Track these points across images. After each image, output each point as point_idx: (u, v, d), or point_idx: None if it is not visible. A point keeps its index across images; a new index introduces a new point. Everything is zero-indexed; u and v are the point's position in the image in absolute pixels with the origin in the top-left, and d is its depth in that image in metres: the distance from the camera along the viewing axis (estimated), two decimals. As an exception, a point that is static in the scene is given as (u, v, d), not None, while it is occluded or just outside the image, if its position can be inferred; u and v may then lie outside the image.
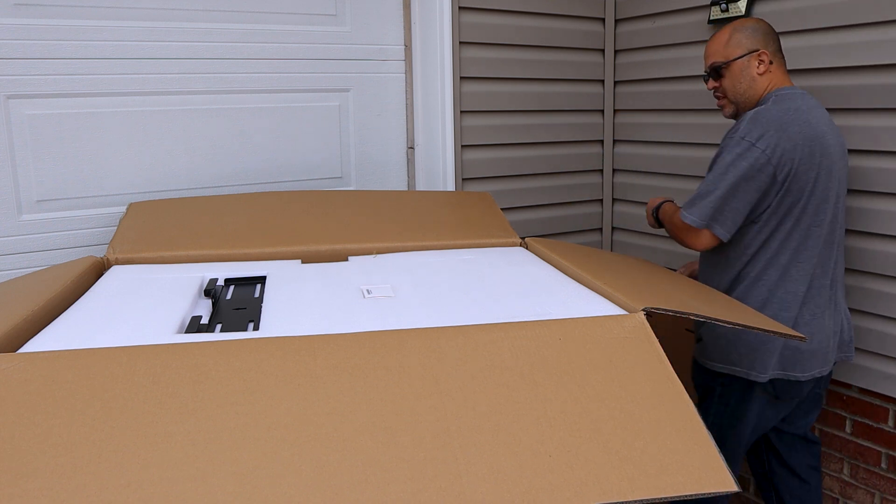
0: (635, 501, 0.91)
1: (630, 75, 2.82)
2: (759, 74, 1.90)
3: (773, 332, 1.44)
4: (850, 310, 2.21)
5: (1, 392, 0.98)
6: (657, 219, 2.08)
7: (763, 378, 1.88)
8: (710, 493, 0.93)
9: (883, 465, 2.24)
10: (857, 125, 2.12)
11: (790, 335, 1.45)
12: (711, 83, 1.99)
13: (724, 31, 1.95)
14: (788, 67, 2.26)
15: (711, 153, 2.54)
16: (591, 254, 1.89)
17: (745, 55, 1.91)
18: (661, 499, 0.92)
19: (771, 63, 1.90)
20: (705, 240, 1.87)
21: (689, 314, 1.29)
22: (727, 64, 1.93)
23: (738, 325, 1.42)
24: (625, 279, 1.63)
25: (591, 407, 1.04)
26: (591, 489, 0.91)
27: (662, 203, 2.08)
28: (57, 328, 1.26)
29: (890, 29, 2.01)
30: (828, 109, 2.19)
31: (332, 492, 0.88)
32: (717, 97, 2.00)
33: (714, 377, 1.97)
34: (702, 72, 2.52)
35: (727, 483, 0.94)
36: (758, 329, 1.44)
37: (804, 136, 1.79)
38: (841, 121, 2.16)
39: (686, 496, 0.93)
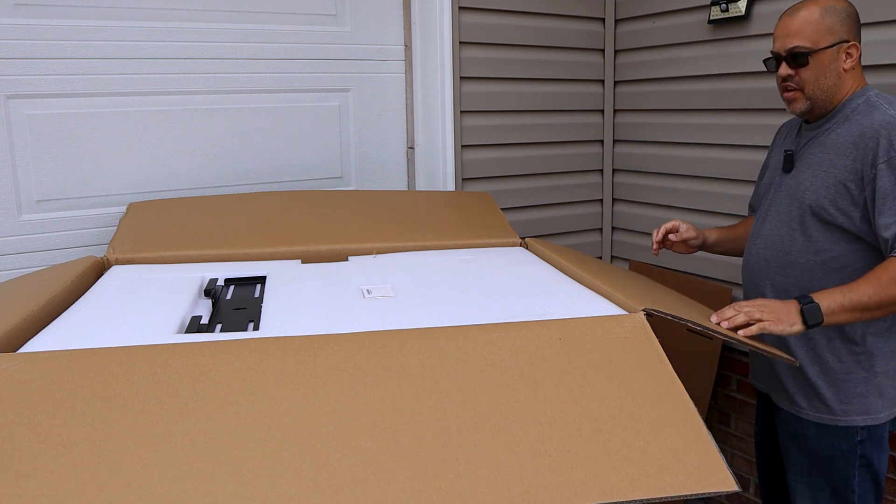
0: (635, 501, 0.91)
1: (630, 75, 2.82)
2: (846, 70, 1.60)
3: (771, 353, 1.42)
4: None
5: (1, 392, 0.98)
6: (810, 315, 1.46)
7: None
8: (710, 493, 0.93)
9: (883, 465, 2.24)
10: (857, 125, 2.11)
11: (786, 359, 1.42)
12: (785, 69, 1.63)
13: (811, 8, 1.60)
14: (788, 67, 2.26)
15: (711, 153, 2.54)
16: (588, 259, 1.89)
17: (836, 44, 1.58)
18: (661, 498, 0.92)
19: (859, 58, 1.62)
20: None
21: (688, 321, 1.30)
22: (815, 52, 1.58)
23: (746, 343, 1.40)
24: (623, 281, 1.63)
25: (592, 407, 1.04)
26: (591, 489, 0.91)
27: (807, 304, 1.46)
28: (57, 328, 1.26)
29: (890, 29, 2.01)
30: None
31: (332, 491, 0.88)
32: (788, 88, 1.64)
33: (850, 435, 1.64)
34: (703, 71, 2.52)
35: (727, 483, 0.94)
36: (762, 350, 1.41)
37: None
38: (841, 121, 2.15)
39: (686, 496, 0.93)
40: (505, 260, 1.75)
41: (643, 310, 1.28)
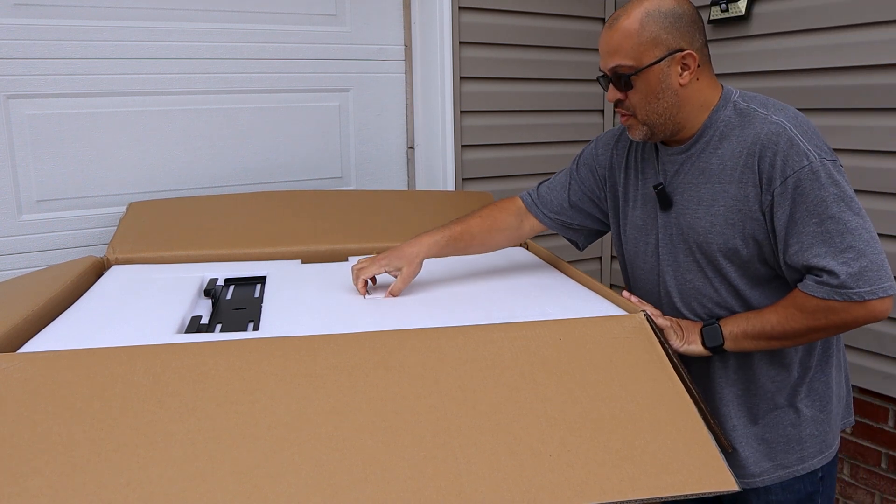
0: (636, 501, 0.91)
1: (630, 75, 2.82)
2: (682, 85, 1.34)
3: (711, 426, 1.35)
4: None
5: (1, 392, 0.98)
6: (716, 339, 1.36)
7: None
8: (711, 493, 0.93)
9: (883, 465, 2.24)
10: (857, 125, 2.12)
11: (722, 442, 1.34)
12: (613, 93, 1.38)
13: (631, 16, 1.32)
14: (788, 67, 2.27)
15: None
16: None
17: (664, 57, 1.32)
18: (661, 498, 0.92)
19: (699, 66, 1.35)
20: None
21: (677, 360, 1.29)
22: (639, 72, 1.33)
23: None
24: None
25: (592, 406, 1.04)
26: (591, 488, 0.91)
27: (711, 324, 1.36)
28: (57, 328, 1.26)
29: (890, 29, 2.01)
30: (828, 109, 2.19)
31: (332, 491, 0.88)
32: (622, 113, 1.40)
33: (811, 480, 1.46)
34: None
35: (728, 482, 0.94)
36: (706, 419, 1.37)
37: None
38: (841, 121, 2.16)
39: (687, 495, 0.93)
40: (505, 260, 1.75)
41: (643, 310, 1.28)
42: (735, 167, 1.32)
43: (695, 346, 1.36)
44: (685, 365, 1.28)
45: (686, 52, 1.32)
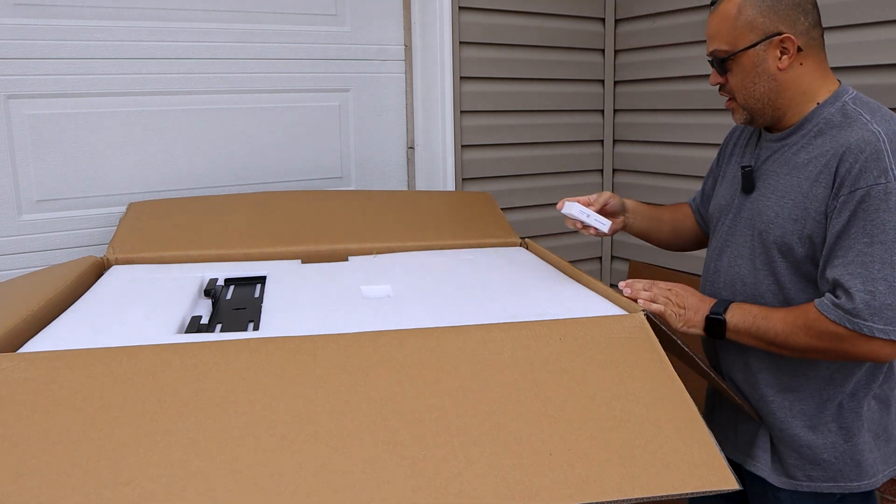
0: (636, 499, 0.91)
1: (630, 75, 2.82)
2: (781, 70, 1.33)
3: (735, 400, 1.39)
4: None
5: (1, 392, 0.98)
6: (716, 327, 1.36)
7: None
8: (711, 492, 0.93)
9: (883, 465, 2.24)
10: (857, 125, 2.11)
11: (750, 411, 1.37)
12: (715, 77, 1.42)
13: (731, 0, 1.34)
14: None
15: (711, 153, 2.53)
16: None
17: (760, 42, 1.32)
18: (662, 497, 0.92)
19: (800, 50, 1.32)
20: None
21: (681, 341, 1.30)
22: (734, 56, 1.34)
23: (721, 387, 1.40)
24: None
25: (592, 406, 1.04)
26: (591, 487, 0.91)
27: (725, 302, 1.38)
28: (57, 328, 1.26)
29: (890, 29, 2.01)
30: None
31: (332, 490, 0.88)
32: (724, 97, 1.44)
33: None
34: (703, 71, 2.52)
35: (729, 481, 0.94)
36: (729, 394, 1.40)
37: None
38: (841, 120, 2.15)
39: (687, 494, 0.93)
40: (505, 260, 1.75)
41: (643, 310, 1.28)
42: (817, 165, 1.29)
43: (695, 331, 1.37)
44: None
45: (784, 35, 1.30)
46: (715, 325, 1.35)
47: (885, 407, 1.42)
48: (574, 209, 1.53)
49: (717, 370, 1.51)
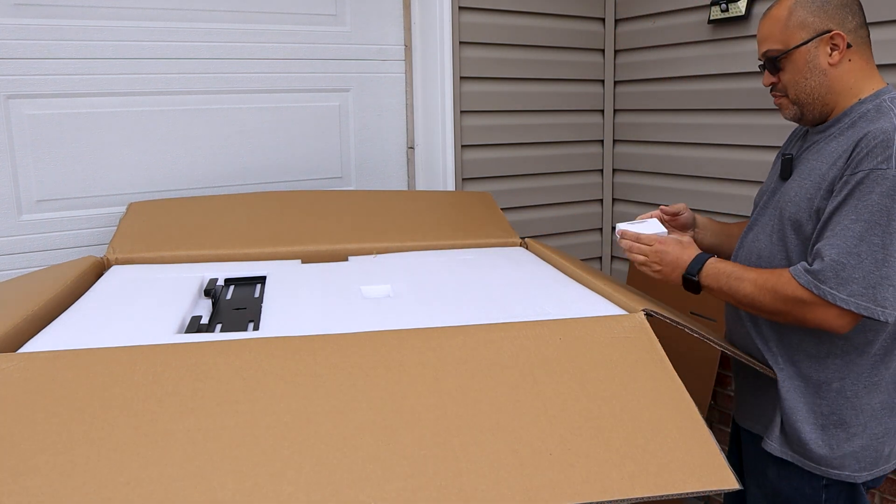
0: (637, 499, 0.91)
1: (630, 75, 2.82)
2: (832, 65, 1.41)
3: (750, 362, 1.43)
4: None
5: (1, 392, 0.98)
6: (692, 282, 1.47)
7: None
8: (711, 491, 0.93)
9: (883, 465, 2.24)
10: (857, 125, 2.11)
11: (764, 370, 1.42)
12: (767, 77, 1.49)
13: (782, 4, 1.44)
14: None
15: (711, 153, 2.54)
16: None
17: (811, 39, 1.40)
18: (662, 496, 0.92)
19: (849, 47, 1.40)
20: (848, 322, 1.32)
21: (687, 326, 1.30)
22: (787, 54, 1.42)
23: (742, 357, 1.42)
24: (621, 282, 1.62)
25: (592, 405, 1.04)
26: (592, 486, 0.91)
27: (702, 260, 1.46)
28: (57, 328, 1.26)
29: (890, 29, 2.01)
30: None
31: (332, 489, 0.88)
32: (776, 95, 1.50)
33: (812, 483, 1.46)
34: (703, 71, 2.52)
35: (729, 481, 0.94)
36: (743, 358, 1.43)
37: None
38: (841, 120, 2.15)
39: (687, 494, 0.93)
40: (505, 260, 1.75)
41: (643, 310, 1.28)
42: (841, 152, 1.37)
43: (672, 282, 1.49)
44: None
45: (834, 32, 1.39)
46: (690, 283, 1.46)
47: (888, 407, 1.44)
48: (652, 226, 1.58)
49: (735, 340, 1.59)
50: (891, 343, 1.41)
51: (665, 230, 1.57)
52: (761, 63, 1.50)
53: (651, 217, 1.61)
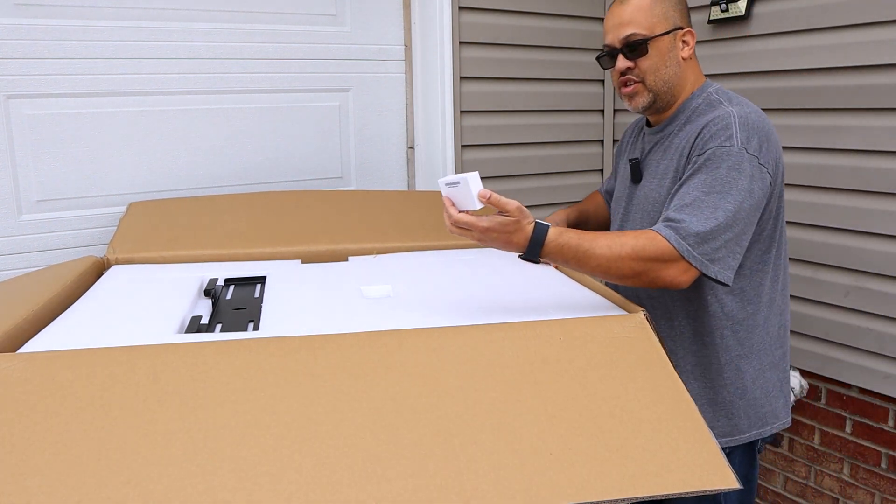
0: (636, 499, 0.91)
1: (630, 75, 2.82)
2: (685, 59, 1.53)
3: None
4: (852, 310, 2.21)
5: (1, 392, 0.98)
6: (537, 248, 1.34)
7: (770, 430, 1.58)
8: (712, 490, 0.93)
9: (883, 465, 2.24)
10: (857, 125, 2.12)
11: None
12: (623, 61, 1.51)
13: None
14: (788, 67, 2.27)
15: (711, 153, 2.53)
16: None
17: (672, 31, 1.51)
18: (662, 496, 0.92)
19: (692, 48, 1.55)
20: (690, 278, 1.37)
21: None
22: (652, 39, 1.49)
23: None
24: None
25: (592, 405, 1.04)
26: (592, 486, 0.91)
27: (542, 230, 1.35)
28: (57, 328, 1.26)
29: (890, 29, 2.01)
30: (828, 109, 2.19)
31: (332, 488, 0.88)
32: (628, 82, 1.53)
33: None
34: (703, 71, 2.52)
35: (729, 480, 0.94)
36: None
37: (780, 152, 1.48)
38: (841, 121, 2.16)
39: (687, 494, 0.93)
40: (505, 260, 1.75)
41: (643, 310, 1.28)
42: (686, 146, 1.47)
43: (510, 253, 1.39)
44: None
45: (687, 30, 1.54)
46: (530, 253, 1.34)
47: (759, 371, 1.55)
48: (469, 185, 1.41)
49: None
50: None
51: (480, 186, 1.41)
52: (606, 52, 1.54)
53: (473, 174, 1.40)
